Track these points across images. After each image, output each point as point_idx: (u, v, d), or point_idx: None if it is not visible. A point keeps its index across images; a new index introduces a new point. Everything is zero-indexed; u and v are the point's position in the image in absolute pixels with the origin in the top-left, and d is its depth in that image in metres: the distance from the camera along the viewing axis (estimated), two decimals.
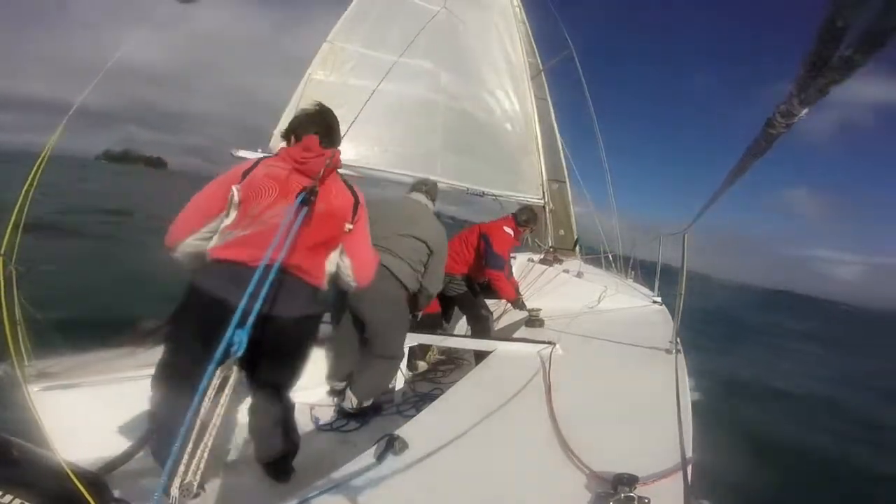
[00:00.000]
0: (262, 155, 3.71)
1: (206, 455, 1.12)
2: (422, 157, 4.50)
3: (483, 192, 4.93)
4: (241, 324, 1.27)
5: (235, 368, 1.22)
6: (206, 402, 1.14)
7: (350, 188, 1.66)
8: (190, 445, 1.09)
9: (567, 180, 6.25)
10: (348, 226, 1.57)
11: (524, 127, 5.52)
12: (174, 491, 1.05)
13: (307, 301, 1.55)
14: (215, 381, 1.16)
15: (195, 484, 1.08)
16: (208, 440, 1.14)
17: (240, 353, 1.22)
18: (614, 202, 6.54)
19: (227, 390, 1.20)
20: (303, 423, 2.56)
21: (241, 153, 3.58)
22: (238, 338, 1.25)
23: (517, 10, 5.81)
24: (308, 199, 1.41)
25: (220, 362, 1.18)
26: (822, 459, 4.43)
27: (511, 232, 3.65)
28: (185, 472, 1.08)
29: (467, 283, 3.67)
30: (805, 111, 0.43)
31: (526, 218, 3.80)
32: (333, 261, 1.62)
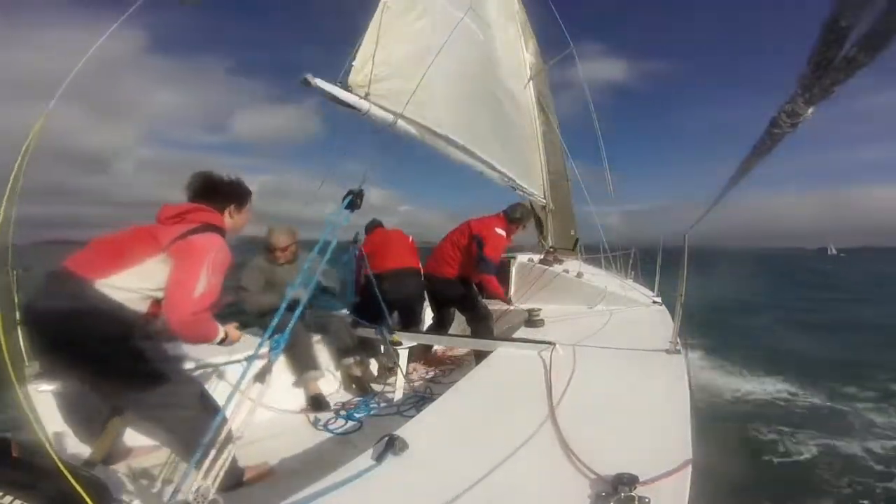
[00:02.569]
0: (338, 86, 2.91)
1: (227, 463, 1.12)
2: (470, 128, 4.00)
3: (514, 184, 4.80)
4: (279, 329, 1.43)
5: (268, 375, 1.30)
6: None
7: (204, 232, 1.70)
8: (213, 451, 1.10)
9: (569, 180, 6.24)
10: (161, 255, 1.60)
11: (532, 123, 5.48)
12: (189, 496, 1.05)
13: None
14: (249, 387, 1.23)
15: (211, 490, 1.08)
16: (232, 448, 1.16)
17: (275, 359, 1.38)
18: (611, 183, 6.46)
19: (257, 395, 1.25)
20: (302, 424, 2.57)
21: (319, 82, 2.88)
22: (275, 343, 1.40)
23: (520, 7, 5.75)
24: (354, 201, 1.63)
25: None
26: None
27: (503, 232, 3.56)
28: (204, 477, 1.08)
29: (464, 285, 3.64)
30: (811, 110, 0.42)
31: (519, 215, 3.69)
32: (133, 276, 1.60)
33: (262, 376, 1.28)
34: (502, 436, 1.41)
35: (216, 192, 1.89)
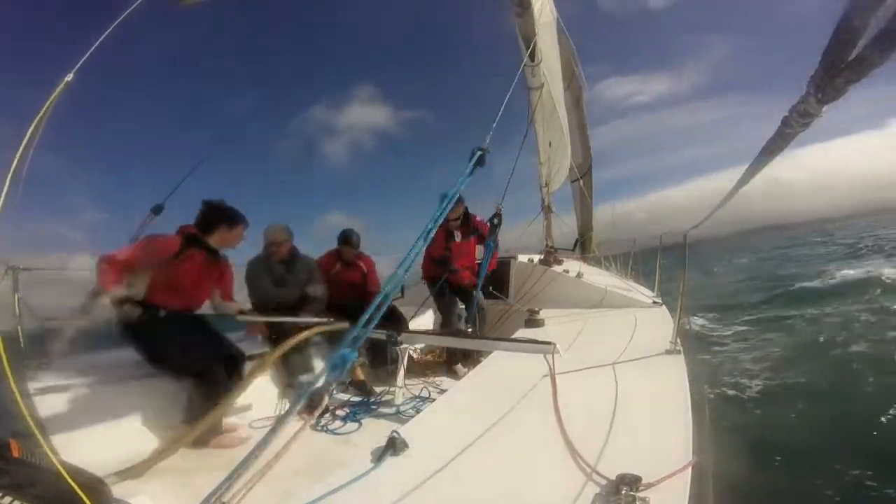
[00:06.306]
0: None
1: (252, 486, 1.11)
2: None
3: (548, 182, 4.84)
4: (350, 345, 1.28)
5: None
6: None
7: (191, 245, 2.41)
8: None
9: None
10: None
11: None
12: None
13: None
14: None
15: None
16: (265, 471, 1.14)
17: (343, 376, 1.29)
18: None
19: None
20: (302, 424, 2.56)
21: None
22: (339, 361, 1.25)
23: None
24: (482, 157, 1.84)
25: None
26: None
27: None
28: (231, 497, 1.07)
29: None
30: (823, 110, 0.42)
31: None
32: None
33: (315, 405, 1.24)
34: (502, 436, 1.41)
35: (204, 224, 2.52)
